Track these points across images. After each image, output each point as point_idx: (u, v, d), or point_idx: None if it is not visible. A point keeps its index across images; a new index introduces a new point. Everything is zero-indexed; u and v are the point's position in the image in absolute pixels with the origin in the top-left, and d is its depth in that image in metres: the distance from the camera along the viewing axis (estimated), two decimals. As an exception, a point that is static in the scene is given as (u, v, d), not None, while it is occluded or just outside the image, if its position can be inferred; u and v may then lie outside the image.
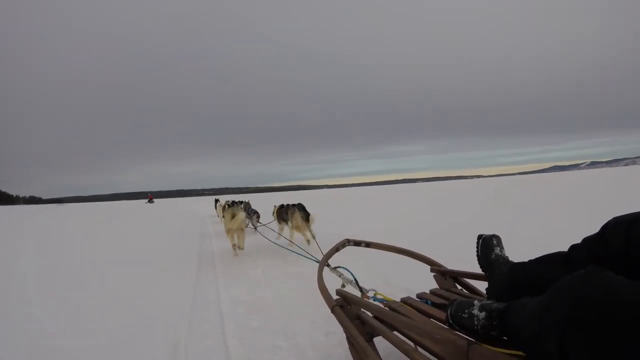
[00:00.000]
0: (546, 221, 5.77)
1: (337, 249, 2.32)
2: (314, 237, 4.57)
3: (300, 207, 4.97)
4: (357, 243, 2.42)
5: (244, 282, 3.27)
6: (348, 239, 2.41)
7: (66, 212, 23.11)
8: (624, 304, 0.66)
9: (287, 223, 5.26)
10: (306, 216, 4.84)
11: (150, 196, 43.23)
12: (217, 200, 11.52)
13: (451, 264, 2.05)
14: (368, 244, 2.42)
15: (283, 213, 5.36)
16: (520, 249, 1.86)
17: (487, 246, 1.49)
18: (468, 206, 10.17)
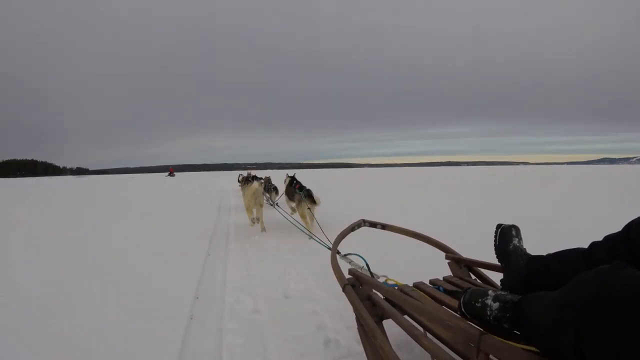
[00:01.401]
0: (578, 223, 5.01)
1: (352, 228, 2.32)
2: (312, 222, 4.51)
3: (308, 195, 4.77)
4: (373, 224, 2.41)
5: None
6: (364, 220, 2.40)
7: (84, 185, 22.11)
8: None
9: (293, 202, 5.27)
10: (311, 203, 4.70)
11: (171, 169, 44.04)
12: (240, 175, 11.97)
13: (466, 253, 2.02)
14: (384, 226, 2.41)
15: (292, 191, 5.22)
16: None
17: (506, 236, 1.46)
18: (508, 196, 9.15)
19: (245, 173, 10.75)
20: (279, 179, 8.04)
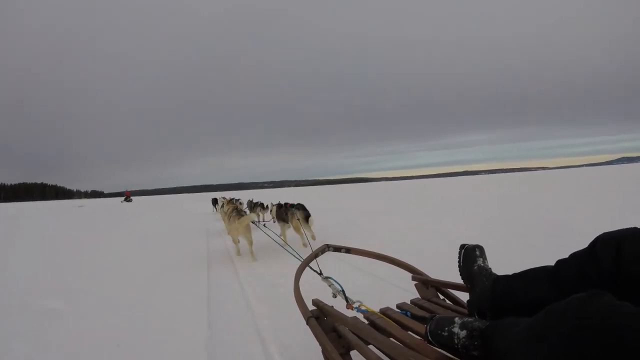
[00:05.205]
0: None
1: (316, 255, 2.23)
2: (312, 239, 4.54)
3: (300, 208, 4.92)
4: (337, 249, 2.34)
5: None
6: (328, 245, 2.33)
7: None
8: (633, 333, 0.58)
9: (285, 223, 5.21)
10: (306, 217, 4.80)
11: (127, 193, 40.01)
12: (215, 199, 11.46)
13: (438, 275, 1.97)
14: (348, 250, 2.34)
15: (282, 213, 5.27)
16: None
17: (470, 257, 1.43)
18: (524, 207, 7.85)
19: (235, 196, 10.10)
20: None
